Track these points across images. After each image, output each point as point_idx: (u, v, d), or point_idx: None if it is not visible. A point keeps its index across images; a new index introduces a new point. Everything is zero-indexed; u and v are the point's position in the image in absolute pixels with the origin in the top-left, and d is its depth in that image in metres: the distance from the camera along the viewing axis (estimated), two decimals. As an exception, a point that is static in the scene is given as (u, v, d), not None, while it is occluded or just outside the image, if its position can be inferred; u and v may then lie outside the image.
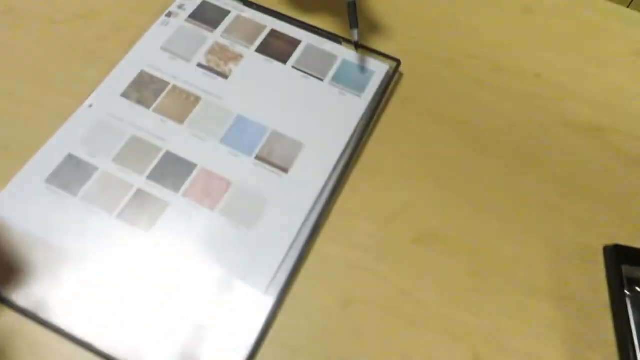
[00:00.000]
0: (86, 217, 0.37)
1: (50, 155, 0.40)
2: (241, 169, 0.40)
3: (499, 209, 0.41)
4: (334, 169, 0.41)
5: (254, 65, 0.45)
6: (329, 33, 0.47)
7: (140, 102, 0.43)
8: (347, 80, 0.45)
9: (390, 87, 0.45)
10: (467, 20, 0.51)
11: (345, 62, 0.46)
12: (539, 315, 0.37)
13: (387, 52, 0.47)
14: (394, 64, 0.46)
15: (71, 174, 0.39)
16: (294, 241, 0.38)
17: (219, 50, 0.46)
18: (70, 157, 0.40)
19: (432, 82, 0.47)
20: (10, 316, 0.34)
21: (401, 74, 0.47)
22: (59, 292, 0.35)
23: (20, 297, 0.35)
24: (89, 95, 0.43)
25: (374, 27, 0.49)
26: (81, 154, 0.40)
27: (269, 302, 0.35)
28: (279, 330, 0.35)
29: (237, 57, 0.45)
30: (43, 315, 0.34)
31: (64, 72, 0.45)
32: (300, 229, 0.38)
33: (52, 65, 0.45)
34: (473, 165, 0.43)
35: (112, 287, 0.35)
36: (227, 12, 0.48)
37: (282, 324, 0.35)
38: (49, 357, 0.33)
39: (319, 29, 0.47)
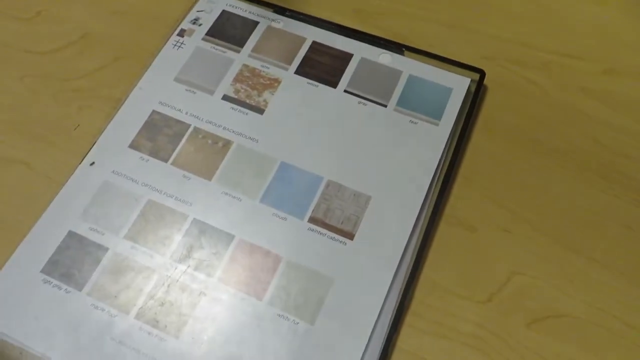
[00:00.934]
0: (96, 320, 0.29)
1: (45, 236, 0.31)
2: (292, 238, 0.31)
3: (642, 270, 0.31)
4: (414, 228, 0.31)
5: (295, 92, 0.36)
6: (387, 41, 0.38)
7: (155, 153, 0.34)
8: (418, 103, 0.35)
9: (475, 107, 0.36)
10: (561, 6, 0.40)
11: (412, 79, 0.36)
12: None
13: (466, 60, 0.37)
14: (477, 75, 0.36)
15: (74, 259, 0.31)
16: (370, 337, 0.29)
17: (249, 76, 0.36)
18: (71, 236, 0.31)
19: (526, 97, 0.37)
20: None
21: (486, 88, 0.37)
22: None
23: None
24: (89, 150, 0.34)
25: (446, 28, 0.39)
26: (84, 230, 0.32)
27: None
28: None
29: (272, 83, 0.36)
30: None
31: (55, 120, 0.36)
32: (378, 317, 0.29)
33: (41, 112, 0.36)
34: (595, 210, 0.33)
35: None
36: (255, 24, 0.38)
37: None
38: None
39: (373, 36, 0.38)
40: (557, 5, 0.40)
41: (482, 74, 0.36)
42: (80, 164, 0.34)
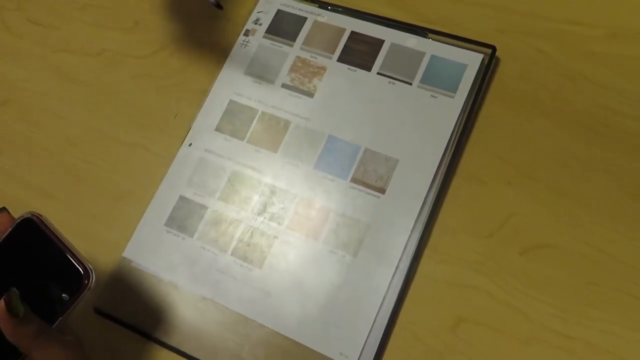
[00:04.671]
0: (204, 257, 0.44)
1: (164, 199, 0.46)
2: (338, 195, 0.44)
3: (618, 210, 0.40)
4: (432, 183, 0.43)
5: (338, 77, 0.47)
6: (413, 26, 0.47)
7: (234, 134, 0.47)
8: (438, 79, 0.45)
9: (486, 80, 0.45)
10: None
11: (433, 59, 0.46)
12: (666, 327, 0.37)
13: (480, 36, 0.46)
14: (489, 51, 0.45)
15: (185, 215, 0.45)
16: (398, 266, 0.41)
17: (301, 66, 0.48)
18: (182, 199, 0.46)
19: (535, 65, 0.45)
20: (161, 352, 0.43)
21: (498, 60, 0.46)
22: (192, 328, 0.42)
23: (164, 335, 0.42)
24: (187, 133, 0.48)
25: (466, 6, 0.48)
26: (190, 194, 0.46)
27: (378, 328, 0.40)
28: (393, 354, 0.40)
29: (320, 71, 0.47)
30: (185, 349, 0.42)
31: (160, 110, 0.50)
32: (403, 251, 0.41)
33: (149, 105, 0.50)
34: (586, 161, 0.42)
35: (236, 320, 0.42)
36: (304, 20, 0.49)
37: (394, 348, 0.40)
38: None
39: (401, 22, 0.47)
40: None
41: (493, 49, 0.45)
42: (181, 145, 0.48)
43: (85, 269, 0.35)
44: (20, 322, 0.30)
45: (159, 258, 0.45)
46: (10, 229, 0.34)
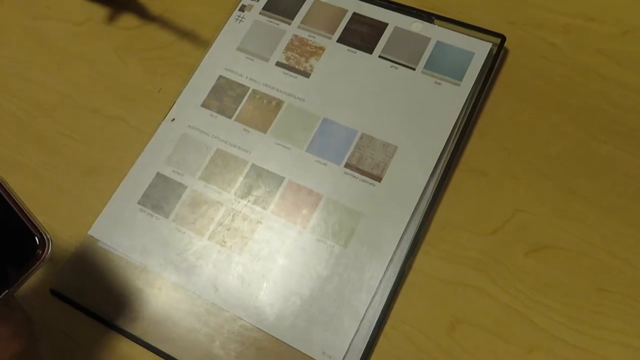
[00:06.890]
0: (179, 240, 0.39)
1: (140, 175, 0.41)
2: (331, 180, 0.39)
3: (631, 212, 0.36)
4: (433, 174, 0.38)
5: (336, 58, 0.43)
6: (419, 10, 0.44)
7: (222, 111, 0.43)
8: (443, 66, 0.41)
9: (494, 70, 0.41)
10: (586, -26, 0.44)
11: (439, 45, 0.42)
12: (684, 340, 0.33)
13: (488, 26, 0.42)
14: (498, 40, 0.42)
15: (161, 194, 0.41)
16: (391, 260, 0.37)
17: (298, 45, 0.44)
18: (159, 177, 0.41)
19: (544, 58, 0.42)
20: (122, 341, 0.37)
21: (507, 51, 0.42)
22: (159, 316, 0.37)
23: (127, 324, 0.37)
24: (170, 107, 0.43)
25: (471, -4, 0.44)
26: (169, 172, 0.41)
27: (367, 327, 0.35)
28: (382, 356, 0.35)
29: (318, 51, 0.43)
30: (149, 340, 0.37)
31: (143, 84, 0.45)
32: (398, 245, 0.37)
33: (131, 78, 0.46)
34: (597, 160, 0.38)
35: (209, 310, 0.37)
36: (304, -2, 0.45)
37: (383, 349, 0.35)
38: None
39: (406, 6, 0.44)
40: (582, -30, 0.44)
41: (502, 38, 0.42)
42: (164, 120, 0.43)
43: (41, 238, 0.30)
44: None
45: (129, 238, 0.39)
46: None
